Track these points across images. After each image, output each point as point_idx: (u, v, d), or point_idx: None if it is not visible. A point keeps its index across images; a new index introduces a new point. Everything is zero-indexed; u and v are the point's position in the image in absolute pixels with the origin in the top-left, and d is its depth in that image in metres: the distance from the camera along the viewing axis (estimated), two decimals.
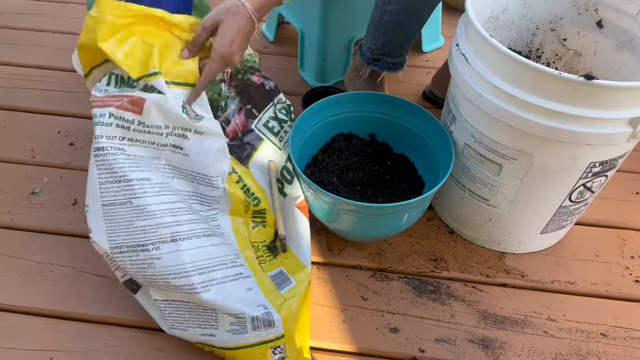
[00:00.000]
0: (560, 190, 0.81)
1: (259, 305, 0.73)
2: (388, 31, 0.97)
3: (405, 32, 0.97)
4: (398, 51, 1.01)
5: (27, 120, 1.17)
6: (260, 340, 0.72)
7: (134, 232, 0.70)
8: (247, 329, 0.72)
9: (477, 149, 0.82)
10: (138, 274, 0.71)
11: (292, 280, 0.79)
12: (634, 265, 0.94)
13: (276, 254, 0.84)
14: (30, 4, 1.56)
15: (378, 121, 1.01)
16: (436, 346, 0.82)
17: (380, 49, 1.00)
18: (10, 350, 0.79)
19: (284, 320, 0.73)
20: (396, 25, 0.95)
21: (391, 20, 0.94)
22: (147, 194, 0.70)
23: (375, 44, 1.00)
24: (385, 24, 0.96)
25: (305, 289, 0.78)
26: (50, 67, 1.32)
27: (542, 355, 0.81)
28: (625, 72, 0.87)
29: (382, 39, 0.98)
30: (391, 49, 1.00)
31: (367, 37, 1.02)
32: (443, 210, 1.00)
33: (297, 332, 0.75)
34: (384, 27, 0.96)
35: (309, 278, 0.80)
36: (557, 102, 0.68)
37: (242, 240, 0.83)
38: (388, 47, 1.00)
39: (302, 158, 0.96)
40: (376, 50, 1.01)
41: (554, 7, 0.92)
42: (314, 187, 0.80)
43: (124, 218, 0.70)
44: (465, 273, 0.92)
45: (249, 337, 0.72)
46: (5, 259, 0.91)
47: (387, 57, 1.02)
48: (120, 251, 0.70)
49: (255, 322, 0.71)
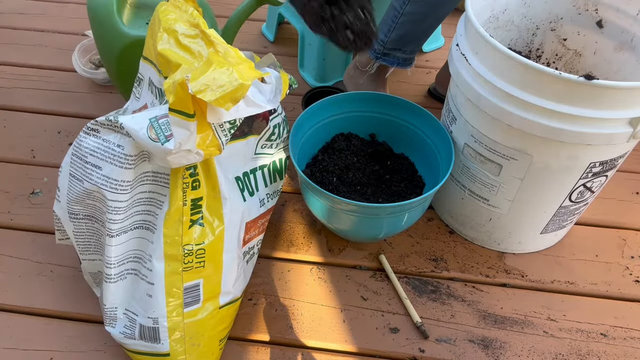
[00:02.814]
0: (560, 190, 0.81)
1: (150, 317, 0.70)
2: (408, 22, 0.95)
3: (424, 25, 0.96)
4: (411, 46, 1.00)
5: (27, 120, 1.17)
6: (147, 351, 0.72)
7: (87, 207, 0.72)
8: (136, 336, 0.71)
9: (477, 149, 0.82)
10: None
11: (200, 300, 0.72)
12: (634, 265, 0.94)
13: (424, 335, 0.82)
14: (30, 4, 1.56)
15: (378, 121, 1.01)
16: (436, 346, 0.82)
17: (393, 42, 0.99)
18: (10, 350, 0.79)
19: (171, 339, 0.71)
20: (418, 17, 0.94)
21: (414, 11, 0.93)
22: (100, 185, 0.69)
23: (390, 36, 0.99)
24: (407, 15, 0.94)
25: (211, 314, 0.73)
26: (50, 67, 1.32)
27: (542, 355, 0.81)
28: (625, 72, 0.87)
29: (399, 31, 0.97)
30: (405, 43, 0.99)
31: (381, 30, 1.00)
32: (443, 210, 1.00)
33: (190, 356, 0.73)
34: (404, 18, 0.94)
35: (217, 305, 0.74)
36: (557, 102, 0.68)
37: (172, 243, 0.70)
38: (402, 41, 0.99)
39: (302, 158, 0.97)
40: (389, 43, 1.00)
41: (554, 7, 0.92)
42: (314, 187, 0.80)
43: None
44: (465, 273, 0.92)
45: (138, 344, 0.72)
46: (5, 259, 0.91)
47: (398, 52, 1.02)
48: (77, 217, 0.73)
49: (143, 331, 0.71)
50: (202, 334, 0.73)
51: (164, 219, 0.68)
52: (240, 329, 0.83)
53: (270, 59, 0.80)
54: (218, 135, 0.66)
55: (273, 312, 0.86)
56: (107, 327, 0.74)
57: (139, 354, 0.74)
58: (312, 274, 0.91)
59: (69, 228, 0.75)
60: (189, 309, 0.71)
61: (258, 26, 1.49)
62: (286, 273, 0.91)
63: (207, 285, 0.72)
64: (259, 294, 0.88)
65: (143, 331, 0.71)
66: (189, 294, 0.71)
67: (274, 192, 0.87)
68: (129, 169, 0.66)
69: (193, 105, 0.61)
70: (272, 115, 0.82)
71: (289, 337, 0.83)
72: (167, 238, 0.68)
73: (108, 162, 0.66)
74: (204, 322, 0.73)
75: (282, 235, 0.97)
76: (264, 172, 0.83)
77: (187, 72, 0.61)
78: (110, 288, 0.72)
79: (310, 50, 1.26)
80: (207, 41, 0.67)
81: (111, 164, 0.66)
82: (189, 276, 0.70)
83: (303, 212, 1.01)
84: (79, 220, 0.74)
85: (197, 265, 0.71)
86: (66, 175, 0.70)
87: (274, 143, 0.84)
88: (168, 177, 0.68)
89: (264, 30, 1.48)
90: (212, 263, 0.72)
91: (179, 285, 0.70)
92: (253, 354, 0.81)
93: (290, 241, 0.96)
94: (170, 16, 0.69)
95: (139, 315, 0.71)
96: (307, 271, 0.91)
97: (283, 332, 0.83)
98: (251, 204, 0.80)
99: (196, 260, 0.70)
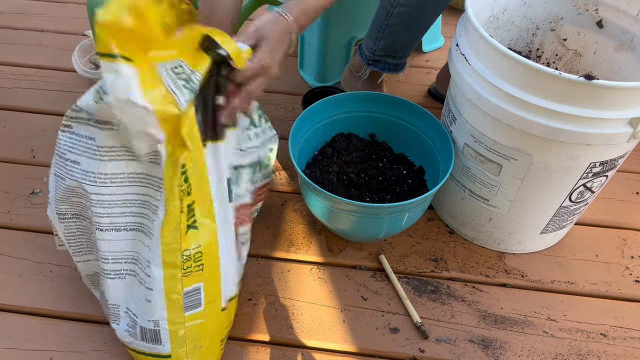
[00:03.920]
0: (561, 190, 0.81)
1: (150, 320, 0.70)
2: (393, 32, 0.96)
3: (410, 34, 0.97)
4: (400, 53, 1.01)
5: (27, 120, 1.17)
6: (149, 352, 0.72)
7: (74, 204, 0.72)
8: (137, 336, 0.71)
9: (477, 149, 0.82)
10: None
11: (201, 304, 0.71)
12: (634, 265, 0.94)
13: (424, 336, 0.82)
14: (30, 4, 1.56)
15: (378, 121, 1.01)
16: (436, 346, 0.82)
17: (382, 49, 1.00)
18: (10, 350, 0.79)
19: (172, 342, 0.71)
20: (402, 27, 0.94)
21: (397, 22, 0.93)
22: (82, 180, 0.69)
23: (378, 44, 0.99)
24: (391, 26, 0.94)
25: (213, 317, 0.73)
26: (50, 67, 1.32)
27: (542, 355, 0.81)
28: (625, 72, 0.87)
29: (386, 40, 0.98)
30: (394, 51, 1.00)
31: (369, 38, 1.01)
32: (443, 210, 1.00)
33: (192, 358, 0.73)
34: (389, 29, 0.95)
35: (219, 306, 0.74)
36: (557, 102, 0.68)
37: (170, 251, 0.68)
38: (391, 49, 0.99)
39: (302, 158, 0.97)
40: (378, 51, 1.00)
41: (554, 7, 0.92)
42: (314, 187, 0.80)
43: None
44: (465, 273, 0.92)
45: (140, 344, 0.72)
46: (5, 259, 0.91)
47: (389, 58, 1.02)
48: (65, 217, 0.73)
49: (144, 332, 0.71)
50: (203, 336, 0.73)
51: (161, 227, 0.66)
52: (240, 329, 0.83)
53: None
54: (172, 89, 0.63)
55: (273, 312, 0.85)
56: (112, 324, 0.74)
57: (140, 353, 0.73)
58: (312, 274, 0.91)
59: (60, 230, 0.75)
60: (190, 313, 0.71)
61: None
62: (286, 273, 0.91)
63: (207, 288, 0.72)
64: (259, 294, 0.88)
65: (144, 332, 0.71)
66: (189, 299, 0.70)
67: (262, 177, 0.82)
68: (103, 161, 0.66)
69: (117, 45, 0.59)
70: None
71: (289, 337, 0.83)
72: (165, 246, 0.67)
73: (84, 156, 0.66)
74: (205, 325, 0.73)
75: (282, 235, 0.97)
76: (252, 167, 0.80)
77: None
78: (108, 284, 0.72)
79: (310, 50, 1.26)
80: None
81: (88, 158, 0.66)
82: (189, 281, 0.69)
83: (303, 212, 1.01)
84: (68, 221, 0.74)
85: (196, 269, 0.70)
86: (52, 176, 0.71)
87: (255, 132, 0.79)
88: (161, 181, 0.66)
89: None
90: (210, 265, 0.71)
91: (178, 290, 0.69)
92: (253, 354, 0.80)
93: (290, 241, 0.96)
94: None
95: (139, 317, 0.71)
96: (307, 271, 0.91)
97: (283, 332, 0.83)
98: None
99: (195, 264, 0.69)
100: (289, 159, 1.10)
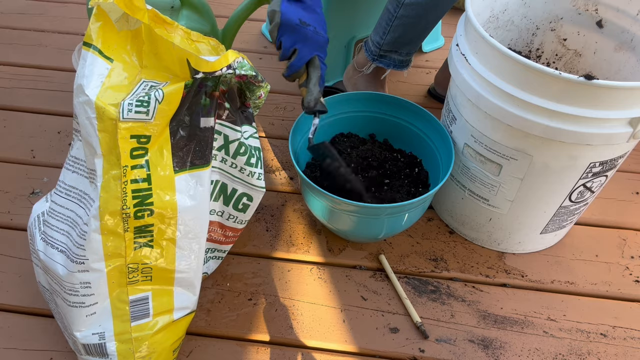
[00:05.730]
0: (560, 190, 0.81)
1: (94, 333, 0.67)
2: (401, 26, 0.95)
3: (418, 29, 0.96)
4: (407, 48, 1.01)
5: (27, 120, 1.17)
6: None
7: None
8: (81, 352, 0.70)
9: (477, 149, 0.82)
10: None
11: (149, 315, 0.69)
12: (634, 265, 0.94)
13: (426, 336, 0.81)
14: (30, 4, 1.56)
15: (378, 121, 1.01)
16: (436, 346, 0.82)
17: (389, 44, 1.00)
18: (10, 350, 0.79)
19: (120, 354, 0.69)
20: (412, 20, 0.94)
21: (407, 13, 0.93)
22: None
23: (385, 39, 0.99)
24: (400, 18, 0.94)
25: (161, 330, 0.71)
26: (50, 67, 1.32)
27: (542, 355, 0.81)
28: (625, 72, 0.87)
29: (394, 34, 0.97)
30: (400, 46, 1.00)
31: (376, 32, 1.01)
32: (443, 210, 1.00)
33: None
34: (397, 21, 0.95)
35: (171, 319, 0.71)
36: (557, 102, 0.68)
37: (113, 254, 0.66)
38: (397, 44, 0.99)
39: (302, 158, 0.96)
40: (384, 45, 1.00)
41: (554, 7, 0.92)
42: (314, 187, 0.80)
43: None
44: (465, 273, 0.92)
45: (87, 359, 0.70)
46: (5, 259, 0.91)
47: (394, 54, 1.02)
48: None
49: (87, 347, 0.68)
50: (153, 347, 0.71)
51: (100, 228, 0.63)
52: (240, 329, 0.83)
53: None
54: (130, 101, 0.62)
55: (273, 312, 0.86)
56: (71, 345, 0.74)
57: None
58: (312, 274, 0.91)
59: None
60: (137, 323, 0.69)
61: (258, 26, 1.49)
62: (286, 273, 0.91)
63: (157, 299, 0.69)
64: (259, 294, 0.88)
65: (88, 347, 0.68)
66: (136, 307, 0.68)
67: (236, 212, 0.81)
68: (68, 170, 0.68)
69: (102, 42, 0.62)
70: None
71: (289, 337, 0.83)
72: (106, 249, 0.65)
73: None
74: (154, 336, 0.70)
75: (282, 235, 0.97)
76: (220, 186, 0.78)
77: None
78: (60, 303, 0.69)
79: None
80: None
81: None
82: (135, 289, 0.68)
83: (303, 212, 1.01)
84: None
85: (142, 279, 0.68)
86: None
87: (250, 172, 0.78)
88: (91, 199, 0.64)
89: (264, 30, 1.48)
90: (160, 280, 0.69)
91: (124, 298, 0.67)
92: (253, 354, 0.80)
93: (290, 241, 0.96)
94: None
95: (79, 333, 0.68)
96: (307, 271, 0.91)
97: (283, 332, 0.83)
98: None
99: (142, 275, 0.67)
100: (289, 159, 1.10)
